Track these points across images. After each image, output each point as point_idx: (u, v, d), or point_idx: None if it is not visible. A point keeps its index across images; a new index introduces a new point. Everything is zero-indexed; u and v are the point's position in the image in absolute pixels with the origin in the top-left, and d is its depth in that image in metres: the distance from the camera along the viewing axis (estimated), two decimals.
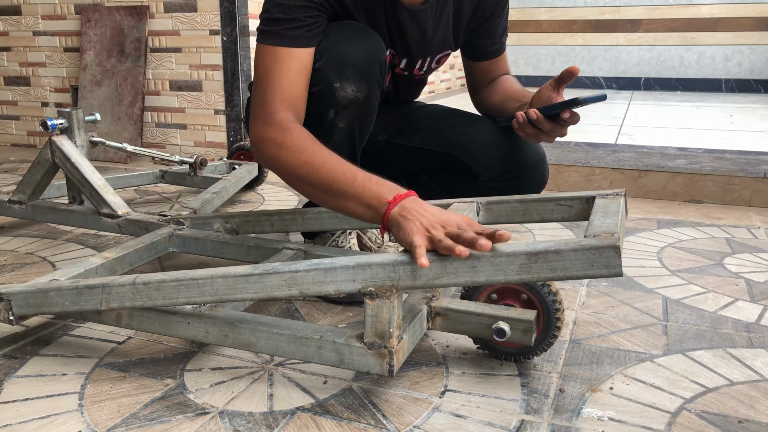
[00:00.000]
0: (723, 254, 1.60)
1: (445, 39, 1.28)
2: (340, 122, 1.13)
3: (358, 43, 1.10)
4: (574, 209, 1.05)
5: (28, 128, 3.10)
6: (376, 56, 1.12)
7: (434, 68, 1.34)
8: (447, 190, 1.35)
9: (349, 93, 1.10)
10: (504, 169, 1.24)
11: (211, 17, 2.60)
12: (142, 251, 1.28)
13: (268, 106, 1.04)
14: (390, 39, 1.22)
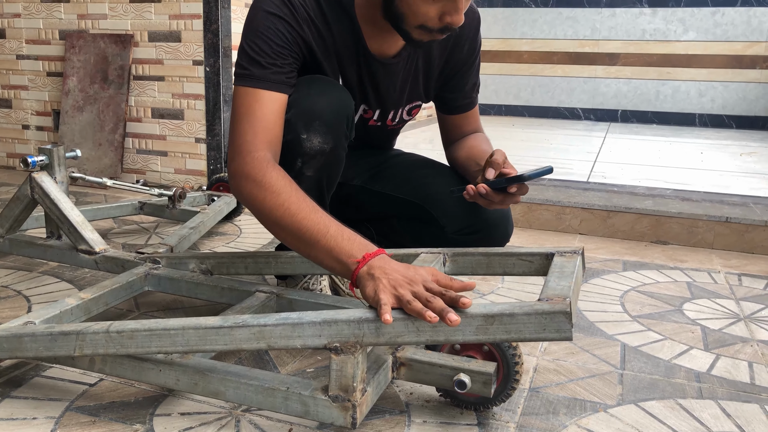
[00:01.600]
0: (683, 299, 1.66)
1: (416, 90, 1.33)
2: (308, 171, 1.18)
3: (326, 98, 1.15)
4: (534, 265, 1.10)
5: (8, 150, 3.10)
6: (343, 110, 1.17)
7: (407, 119, 1.39)
8: (415, 236, 1.40)
9: (315, 144, 1.15)
10: (468, 223, 1.29)
11: (195, 48, 2.65)
12: (117, 291, 1.31)
13: (248, 144, 1.08)
14: (362, 90, 1.27)
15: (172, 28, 2.67)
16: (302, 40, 1.15)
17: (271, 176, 1.04)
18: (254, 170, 1.05)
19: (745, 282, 1.82)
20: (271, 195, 1.03)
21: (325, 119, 1.15)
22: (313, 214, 1.00)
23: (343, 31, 1.19)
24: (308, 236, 0.99)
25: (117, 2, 2.74)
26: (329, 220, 1.00)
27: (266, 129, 1.09)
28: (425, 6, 1.04)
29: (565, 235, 2.27)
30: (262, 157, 1.07)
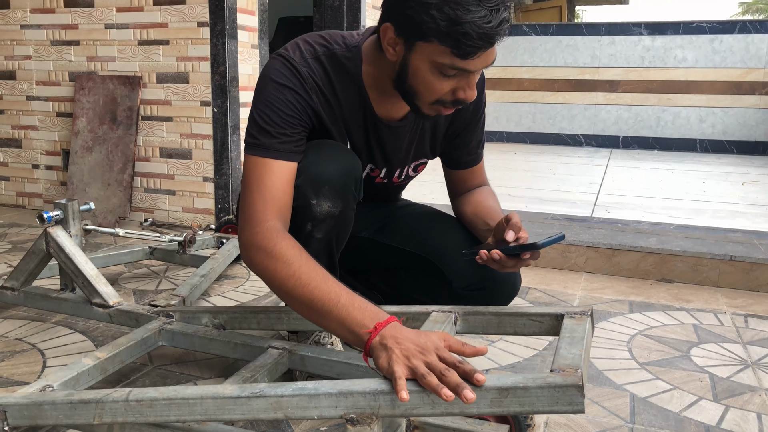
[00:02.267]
0: (690, 344, 1.68)
1: (422, 149, 1.36)
2: (317, 233, 1.21)
3: (334, 163, 1.18)
4: (545, 325, 1.12)
5: (18, 189, 3.14)
6: (351, 174, 1.21)
7: (412, 175, 1.42)
8: (423, 289, 1.42)
9: (325, 209, 1.18)
10: (476, 279, 1.31)
11: (203, 89, 2.69)
12: (132, 348, 1.33)
13: (259, 214, 1.11)
14: (369, 152, 1.30)
15: (180, 70, 2.72)
16: (311, 108, 1.17)
17: (281, 246, 1.06)
18: (265, 240, 1.08)
19: (751, 323, 1.83)
20: (282, 265, 1.05)
21: (334, 184, 1.17)
22: (324, 283, 1.02)
23: (351, 97, 1.22)
24: (320, 306, 1.01)
25: (126, 44, 2.79)
26: (340, 288, 1.02)
27: (276, 198, 1.12)
28: (439, 83, 1.08)
29: (571, 274, 2.28)
30: (272, 227, 1.09)
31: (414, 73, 1.09)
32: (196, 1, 2.63)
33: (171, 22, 2.69)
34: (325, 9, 3.99)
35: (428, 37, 1.03)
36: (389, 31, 1.09)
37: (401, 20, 1.06)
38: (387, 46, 1.11)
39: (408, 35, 1.06)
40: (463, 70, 1.06)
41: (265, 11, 2.88)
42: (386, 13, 1.10)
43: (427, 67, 1.07)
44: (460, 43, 1.01)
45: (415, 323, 1.22)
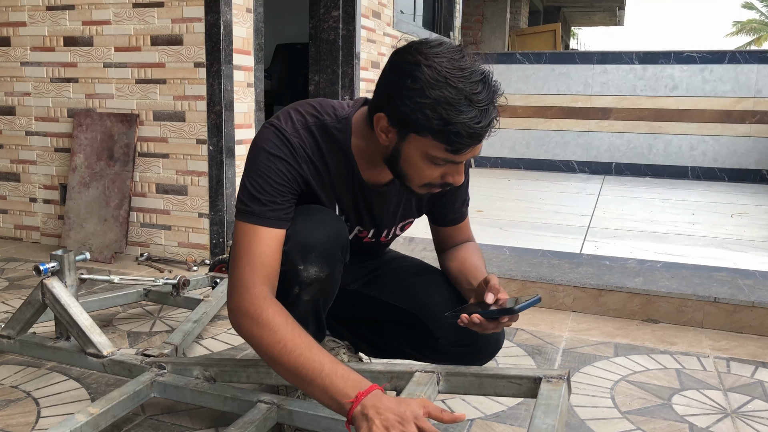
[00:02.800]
0: (672, 390, 1.71)
1: (409, 210, 1.41)
2: (305, 296, 1.26)
3: (321, 229, 1.23)
4: (523, 387, 1.16)
5: (16, 222, 3.18)
6: (338, 240, 1.25)
7: (399, 234, 1.47)
8: (410, 343, 1.46)
9: (312, 274, 1.23)
10: (461, 335, 1.35)
11: (199, 128, 2.74)
12: (125, 402, 1.36)
13: (247, 280, 1.15)
14: (357, 215, 1.35)
15: (177, 108, 2.78)
16: (301, 177, 1.22)
17: (268, 313, 1.11)
18: (252, 307, 1.12)
19: (733, 368, 1.87)
20: (268, 332, 1.09)
21: (321, 250, 1.22)
22: (309, 351, 1.06)
23: (340, 165, 1.26)
24: (304, 374, 1.05)
25: (124, 83, 2.85)
26: (324, 357, 1.06)
27: (264, 264, 1.16)
28: (430, 170, 1.14)
29: (559, 313, 2.32)
30: (260, 293, 1.13)
31: (405, 159, 1.15)
32: (193, 42, 2.69)
33: (168, 62, 2.75)
34: (320, 42, 4.07)
35: (422, 132, 1.09)
36: (383, 120, 1.14)
37: (396, 113, 1.11)
38: (380, 132, 1.16)
39: (401, 127, 1.12)
40: (453, 162, 1.13)
41: (260, 50, 2.94)
42: (380, 103, 1.15)
43: (418, 156, 1.13)
44: (451, 141, 1.08)
45: (399, 382, 1.26)
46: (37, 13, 2.93)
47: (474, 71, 1.09)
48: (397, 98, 1.10)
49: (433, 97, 1.06)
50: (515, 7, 10.25)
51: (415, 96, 1.07)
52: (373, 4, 4.29)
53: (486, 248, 2.82)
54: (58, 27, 2.91)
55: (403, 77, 1.09)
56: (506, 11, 9.43)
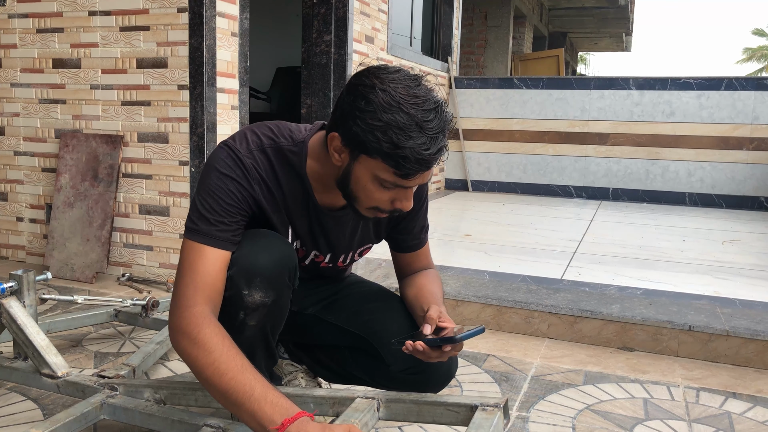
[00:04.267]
0: (636, 420, 1.68)
1: (367, 236, 1.41)
2: (251, 321, 1.25)
3: (267, 254, 1.22)
4: (460, 415, 1.14)
5: (2, 241, 3.20)
6: (285, 265, 1.25)
7: (357, 259, 1.46)
8: (363, 369, 1.45)
9: (257, 299, 1.23)
10: (411, 363, 1.33)
11: (181, 149, 2.77)
12: (71, 424, 1.35)
13: (188, 299, 1.15)
14: (313, 239, 1.35)
15: (161, 130, 2.80)
16: (252, 198, 1.23)
17: (205, 333, 1.10)
18: (190, 326, 1.12)
19: (702, 398, 1.84)
20: (203, 353, 1.09)
21: (266, 276, 1.22)
22: (240, 374, 1.06)
23: (294, 189, 1.27)
24: (234, 398, 1.05)
25: (110, 104, 2.88)
26: (255, 381, 1.05)
27: (207, 284, 1.16)
28: (378, 193, 1.15)
29: (533, 340, 2.30)
30: (199, 312, 1.13)
31: (356, 181, 1.16)
32: (177, 66, 2.72)
33: (153, 85, 2.79)
34: (312, 66, 4.11)
35: (372, 153, 1.11)
36: (336, 140, 1.15)
37: (348, 134, 1.12)
38: (333, 152, 1.17)
39: (353, 147, 1.13)
40: (402, 186, 1.14)
41: (246, 73, 2.97)
42: (335, 123, 1.16)
43: (368, 178, 1.14)
44: (400, 165, 1.09)
45: (340, 408, 1.25)
46: (27, 36, 2.99)
47: (427, 99, 1.10)
48: (351, 119, 1.11)
49: (384, 120, 1.08)
50: (518, 32, 10.34)
51: (367, 117, 1.09)
52: (366, 29, 4.34)
53: (466, 272, 2.81)
54: (47, 49, 2.96)
55: (358, 99, 1.11)
56: (509, 36, 9.50)
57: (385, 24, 4.67)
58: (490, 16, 9.42)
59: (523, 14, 10.17)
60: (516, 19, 10.00)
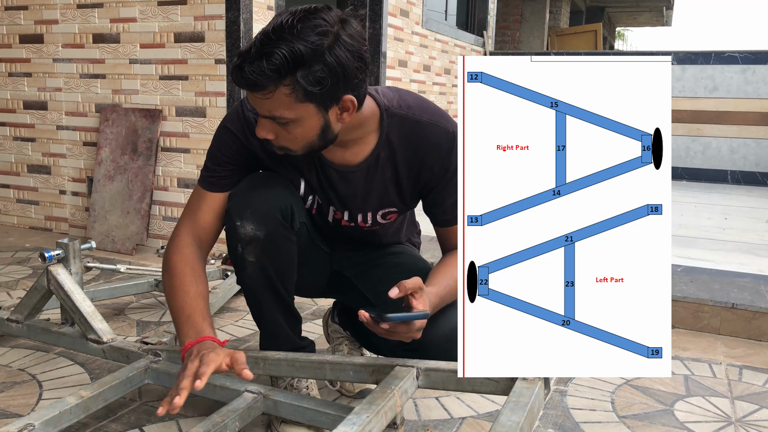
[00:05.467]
0: (677, 396, 1.66)
1: (388, 199, 1.37)
2: (249, 257, 1.32)
3: (259, 190, 1.30)
4: (501, 385, 1.14)
5: (46, 213, 3.29)
6: (277, 201, 1.30)
7: (383, 222, 1.42)
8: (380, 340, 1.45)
9: (249, 231, 1.29)
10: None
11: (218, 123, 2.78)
12: (117, 387, 1.39)
13: (176, 233, 1.35)
14: (324, 194, 1.38)
15: (198, 104, 2.83)
16: (246, 150, 1.32)
17: (174, 260, 1.29)
18: (167, 254, 1.32)
19: (745, 376, 1.81)
20: (168, 276, 1.29)
21: (256, 208, 1.28)
22: (183, 297, 1.24)
23: None
24: (175, 316, 1.25)
25: (148, 79, 2.91)
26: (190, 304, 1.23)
27: (195, 221, 1.34)
28: None
29: None
30: (178, 243, 1.31)
31: None
32: (214, 40, 2.73)
33: (190, 59, 2.81)
34: None
35: None
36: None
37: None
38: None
39: None
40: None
41: None
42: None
43: None
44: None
45: (379, 376, 1.25)
46: (68, 11, 3.03)
47: (272, 24, 1.08)
48: None
49: None
50: (555, 6, 10.11)
51: None
52: (401, 3, 4.29)
53: None
54: (87, 24, 2.99)
55: None
56: (545, 11, 9.30)
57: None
58: None
59: None
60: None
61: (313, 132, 1.16)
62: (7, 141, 3.32)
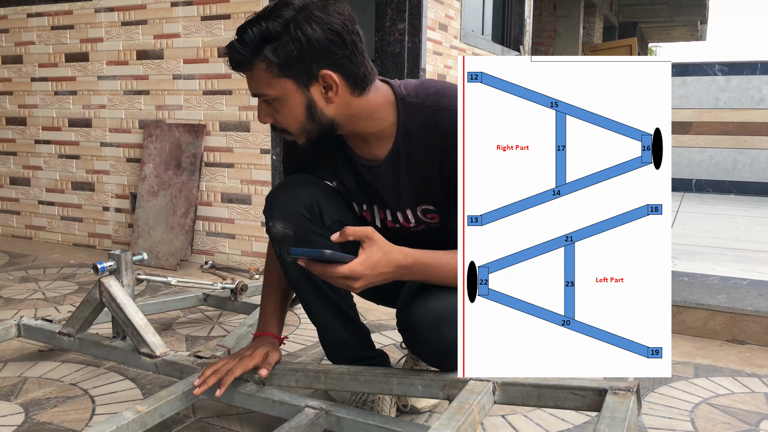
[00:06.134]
0: (760, 416, 1.55)
1: (416, 194, 1.29)
2: (287, 256, 1.32)
3: (286, 190, 1.31)
4: (587, 400, 1.05)
5: (90, 230, 3.29)
6: (300, 198, 1.29)
7: (428, 221, 1.33)
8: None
9: (279, 229, 1.30)
10: (399, 317, 1.30)
11: (263, 137, 2.76)
12: (173, 402, 1.34)
13: None
14: (363, 192, 1.34)
15: (242, 119, 2.81)
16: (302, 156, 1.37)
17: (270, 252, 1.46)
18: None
19: None
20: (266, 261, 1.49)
21: (282, 206, 1.29)
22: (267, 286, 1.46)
23: (332, 143, 1.30)
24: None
25: (191, 94, 2.91)
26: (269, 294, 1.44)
27: None
28: None
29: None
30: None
31: None
32: None
33: (234, 74, 2.78)
34: (386, 56, 4.06)
35: None
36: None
37: None
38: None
39: None
40: None
41: None
42: None
43: None
44: None
45: (452, 390, 1.18)
46: (113, 29, 3.05)
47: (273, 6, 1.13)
48: None
49: None
50: (589, 22, 10.02)
51: None
52: (439, 17, 4.26)
53: None
54: (131, 41, 3.01)
55: None
56: (579, 26, 9.22)
57: (458, 11, 4.58)
58: (559, 5, 9.17)
59: (593, 3, 9.85)
60: (586, 8, 9.69)
61: (299, 111, 1.16)
62: (53, 159, 3.35)
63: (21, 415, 1.48)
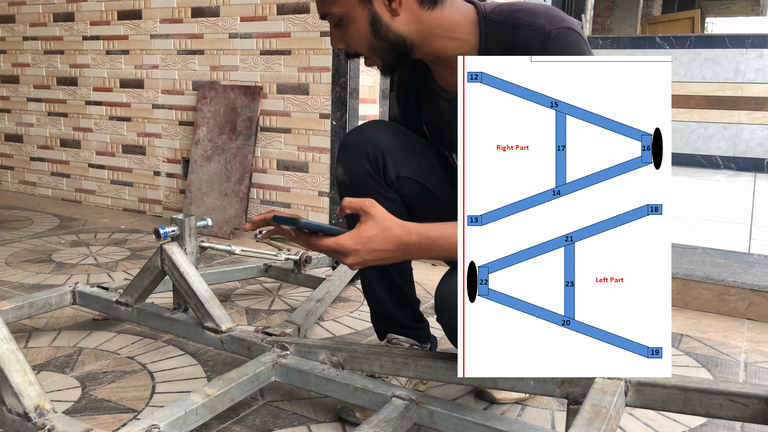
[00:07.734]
0: None
1: None
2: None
3: (354, 134, 1.23)
4: (750, 409, 0.88)
5: (140, 195, 3.19)
6: (365, 149, 1.20)
7: None
8: None
9: (339, 174, 1.25)
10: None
11: (322, 101, 2.60)
12: (244, 384, 1.20)
13: None
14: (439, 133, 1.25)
15: (301, 81, 2.64)
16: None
17: None
18: None
19: None
20: None
21: (347, 153, 1.22)
22: None
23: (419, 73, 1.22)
24: None
25: (248, 54, 2.75)
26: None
27: None
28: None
29: (730, 320, 1.97)
30: None
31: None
32: None
33: (293, 32, 2.62)
34: None
35: None
36: None
37: None
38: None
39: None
40: None
41: None
42: None
43: None
44: None
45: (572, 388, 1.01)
46: None
47: None
48: None
49: None
50: None
51: None
52: None
53: None
54: None
55: None
56: None
57: None
58: None
59: None
60: None
61: (363, 27, 1.08)
62: (104, 120, 3.25)
63: (78, 390, 1.37)
